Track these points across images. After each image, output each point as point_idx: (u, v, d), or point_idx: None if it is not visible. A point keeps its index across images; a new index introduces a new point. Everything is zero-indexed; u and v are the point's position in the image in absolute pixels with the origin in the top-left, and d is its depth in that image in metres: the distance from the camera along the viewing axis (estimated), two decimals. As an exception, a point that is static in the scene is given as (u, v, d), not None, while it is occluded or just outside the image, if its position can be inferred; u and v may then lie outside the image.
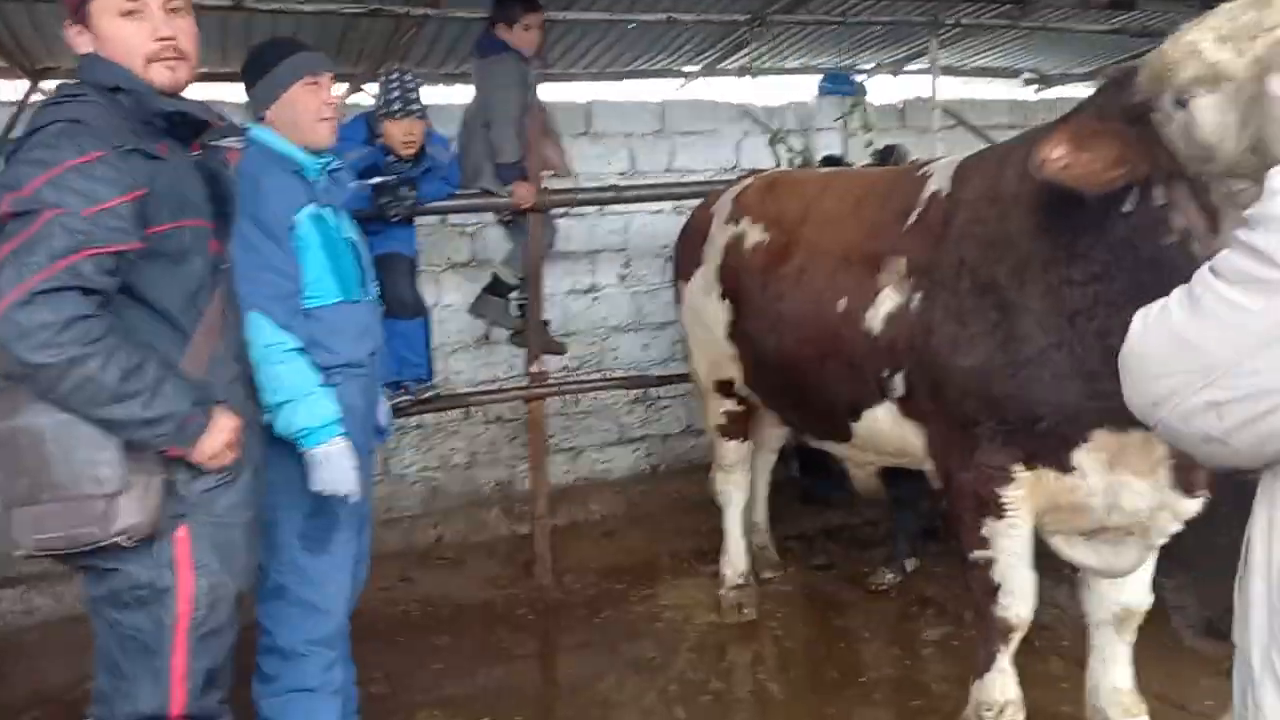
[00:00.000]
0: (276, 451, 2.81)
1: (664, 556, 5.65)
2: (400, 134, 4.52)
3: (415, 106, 4.53)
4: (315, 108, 3.09)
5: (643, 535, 6.16)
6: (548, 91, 5.73)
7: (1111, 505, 2.83)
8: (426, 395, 4.97)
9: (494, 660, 4.40)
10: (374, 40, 5.98)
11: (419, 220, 5.46)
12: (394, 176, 4.59)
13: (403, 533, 6.21)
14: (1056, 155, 2.37)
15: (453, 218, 6.41)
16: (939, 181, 3.26)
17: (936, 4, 6.79)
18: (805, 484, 6.60)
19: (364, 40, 5.96)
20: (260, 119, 3.14)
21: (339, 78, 4.27)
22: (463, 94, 7.00)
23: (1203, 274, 1.30)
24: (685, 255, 4.65)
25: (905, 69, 8.48)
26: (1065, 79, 9.44)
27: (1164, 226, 2.38)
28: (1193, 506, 2.86)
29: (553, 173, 5.29)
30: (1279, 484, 1.30)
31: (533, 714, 3.86)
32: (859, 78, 7.96)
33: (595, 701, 3.94)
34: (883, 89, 8.38)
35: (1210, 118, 2.07)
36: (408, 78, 4.54)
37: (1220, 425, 1.24)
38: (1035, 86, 9.66)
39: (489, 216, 6.02)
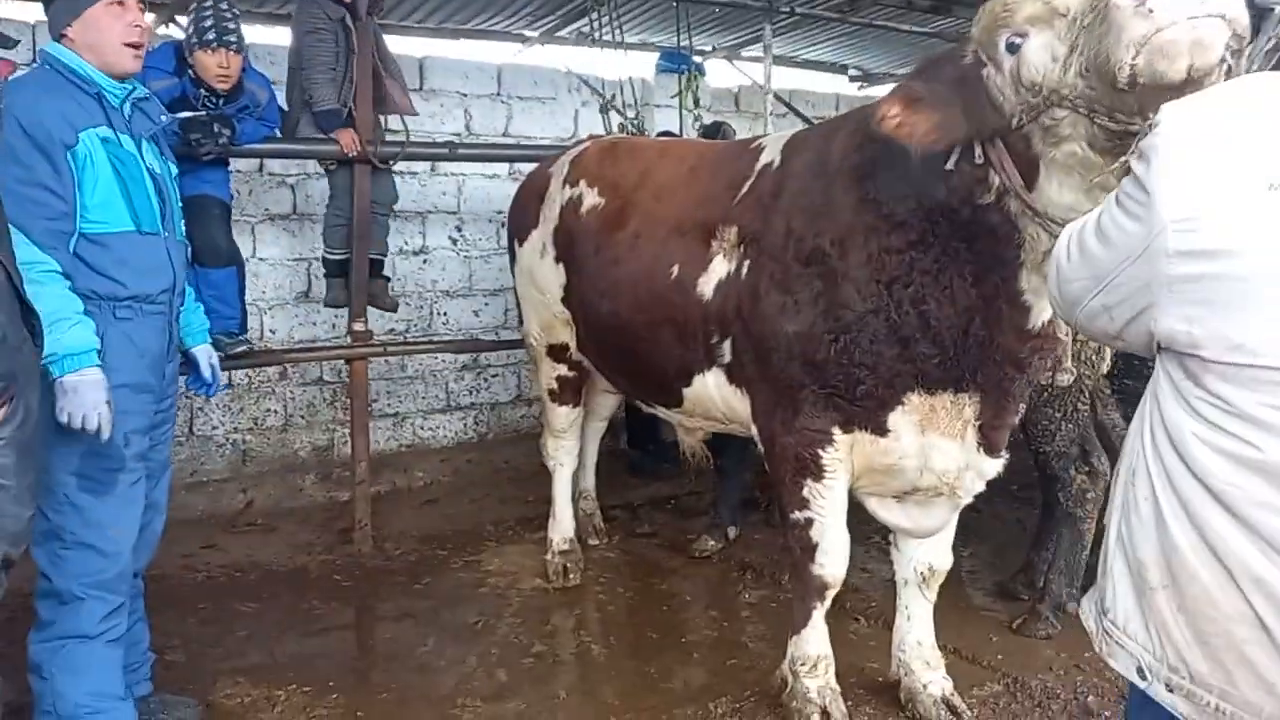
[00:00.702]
0: (47, 383, 2.56)
1: (489, 524, 5.56)
2: (214, 65, 4.20)
3: (232, 38, 4.21)
4: (119, 30, 2.89)
5: (468, 503, 6.04)
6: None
7: (923, 466, 2.98)
8: (238, 350, 4.65)
9: (305, 628, 4.19)
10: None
11: (235, 165, 5.14)
12: (206, 112, 4.26)
13: (208, 497, 5.85)
14: (892, 114, 2.46)
15: (273, 165, 6.06)
16: (770, 154, 3.34)
17: (773, -10, 6.95)
18: (633, 456, 6.67)
19: (178, -34, 5.50)
20: (61, 38, 2.91)
21: (148, 5, 3.92)
22: (287, 36, 6.64)
23: (1109, 197, 1.48)
24: (521, 216, 4.56)
25: (741, 54, 8.67)
26: (887, 77, 9.94)
27: (981, 185, 2.49)
28: (995, 466, 3.04)
29: (396, 114, 5.06)
30: (1159, 377, 1.47)
31: (345, 682, 3.68)
32: (696, 59, 8.06)
33: (412, 668, 3.82)
34: (719, 73, 8.55)
35: (1041, 56, 2.18)
36: (223, 5, 4.22)
37: (1113, 325, 1.48)
38: (859, 84, 10.14)
39: (313, 166, 5.71)
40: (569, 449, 4.81)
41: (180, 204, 3.21)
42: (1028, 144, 2.35)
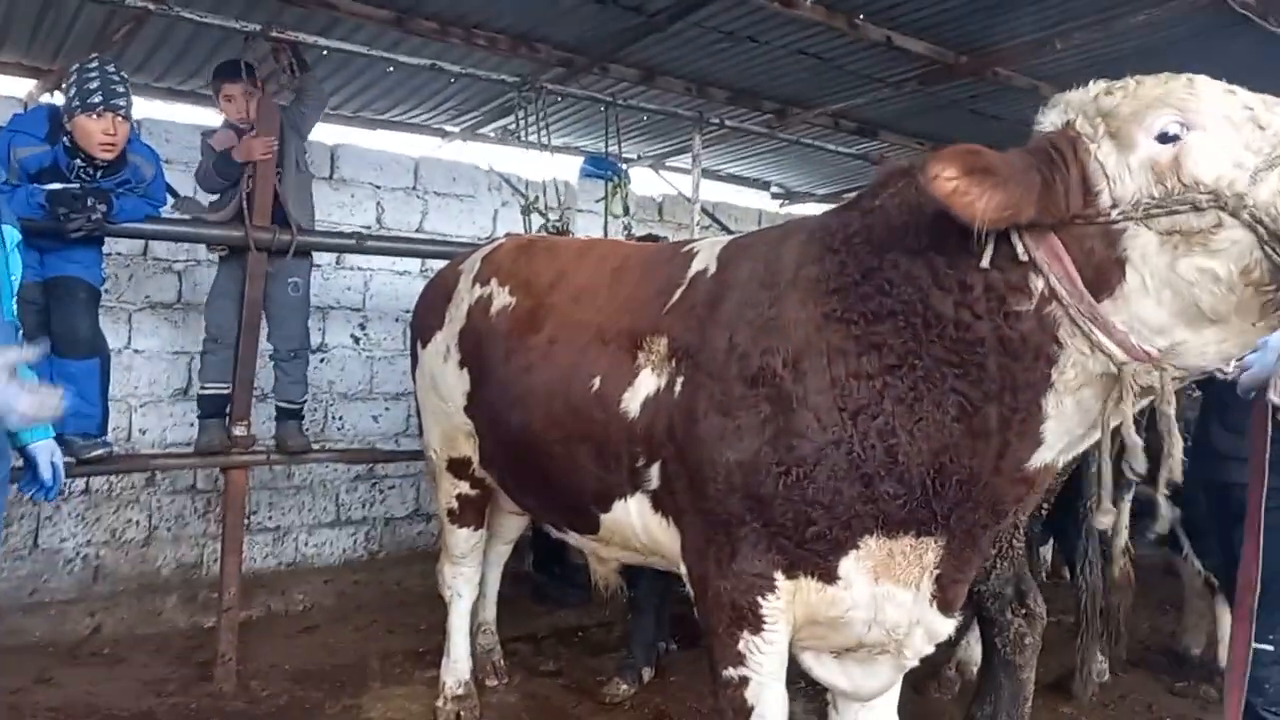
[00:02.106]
0: None
1: (375, 658, 4.96)
2: (98, 131, 3.80)
3: (120, 103, 3.81)
4: None
5: (352, 632, 5.43)
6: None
7: (872, 620, 2.61)
8: (94, 454, 4.07)
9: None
10: (80, 32, 5.11)
11: (113, 246, 4.66)
12: (79, 184, 3.80)
13: (49, 621, 5.14)
14: (948, 175, 2.01)
15: (159, 249, 5.55)
16: (705, 260, 3.03)
17: (703, 102, 6.89)
18: (539, 580, 6.17)
19: (66, 30, 5.08)
20: None
21: (28, 70, 3.51)
22: (189, 114, 6.25)
23: None
24: (426, 315, 4.17)
25: (666, 164, 8.60)
26: (808, 196, 10.04)
27: (1019, 292, 2.13)
28: (948, 627, 2.68)
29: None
30: None
31: None
32: (621, 165, 7.92)
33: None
34: (643, 181, 8.42)
35: (1220, 157, 1.89)
36: (111, 69, 3.85)
37: None
38: (781, 201, 10.21)
39: (203, 252, 5.23)
40: (469, 578, 4.31)
41: (11, 279, 2.72)
42: (1110, 242, 2.00)
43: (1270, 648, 3.52)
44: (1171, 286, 1.94)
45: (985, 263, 2.14)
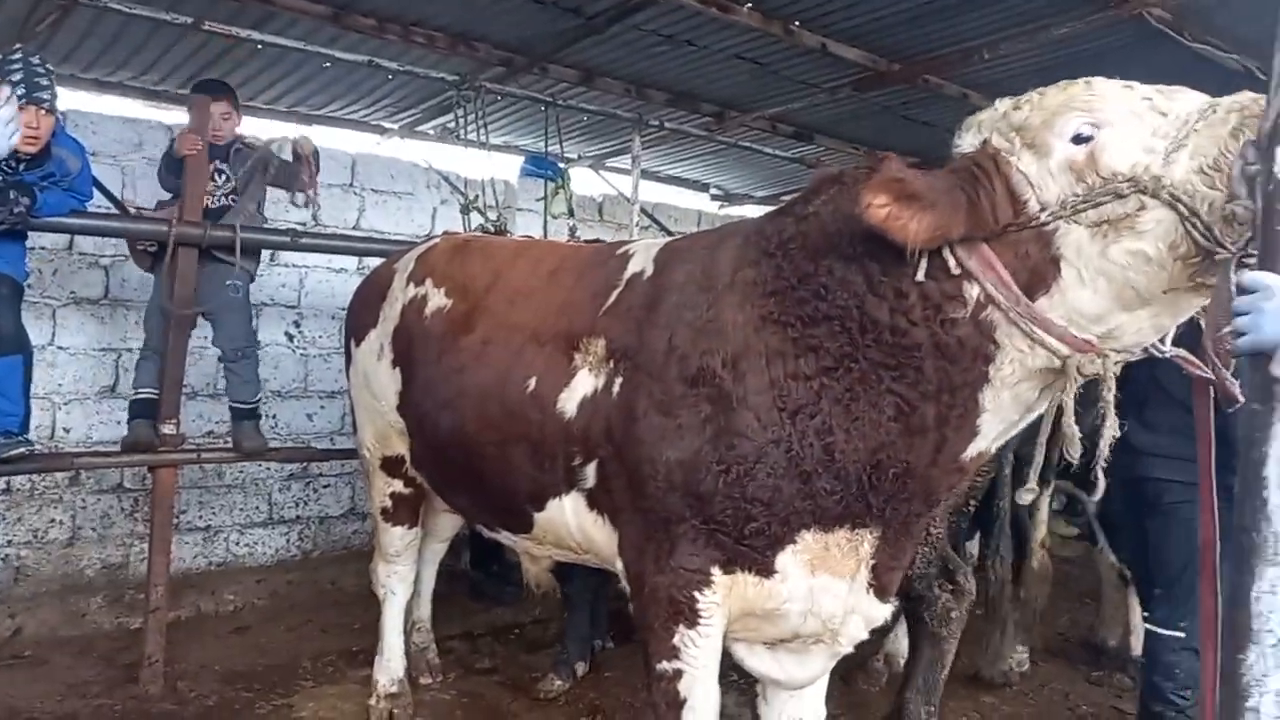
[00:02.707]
0: None
1: (307, 657, 4.92)
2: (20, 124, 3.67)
3: (44, 95, 3.74)
4: None
5: (284, 631, 5.37)
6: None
7: (808, 610, 2.66)
8: (15, 452, 3.98)
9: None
10: (3, 21, 4.97)
11: (39, 241, 4.57)
12: (1, 178, 3.71)
13: (-34, 624, 4.96)
14: (879, 203, 2.12)
15: (85, 244, 5.43)
16: (641, 262, 3.06)
17: (642, 104, 6.94)
18: (475, 578, 6.16)
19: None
20: None
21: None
22: (117, 106, 6.12)
23: None
24: (361, 314, 4.13)
25: (606, 164, 8.64)
26: (747, 198, 10.16)
27: (954, 301, 2.21)
28: (884, 612, 2.75)
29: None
30: None
31: None
32: (562, 165, 7.94)
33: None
34: (583, 181, 8.45)
35: (1130, 146, 1.98)
36: (35, 60, 3.76)
37: None
38: (720, 203, 10.31)
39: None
40: (403, 576, 4.29)
41: None
42: (1044, 244, 2.10)
43: (1181, 634, 3.70)
44: (1105, 274, 2.03)
45: (920, 276, 2.22)
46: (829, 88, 6.45)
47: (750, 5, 5.12)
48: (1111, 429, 2.12)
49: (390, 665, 4.24)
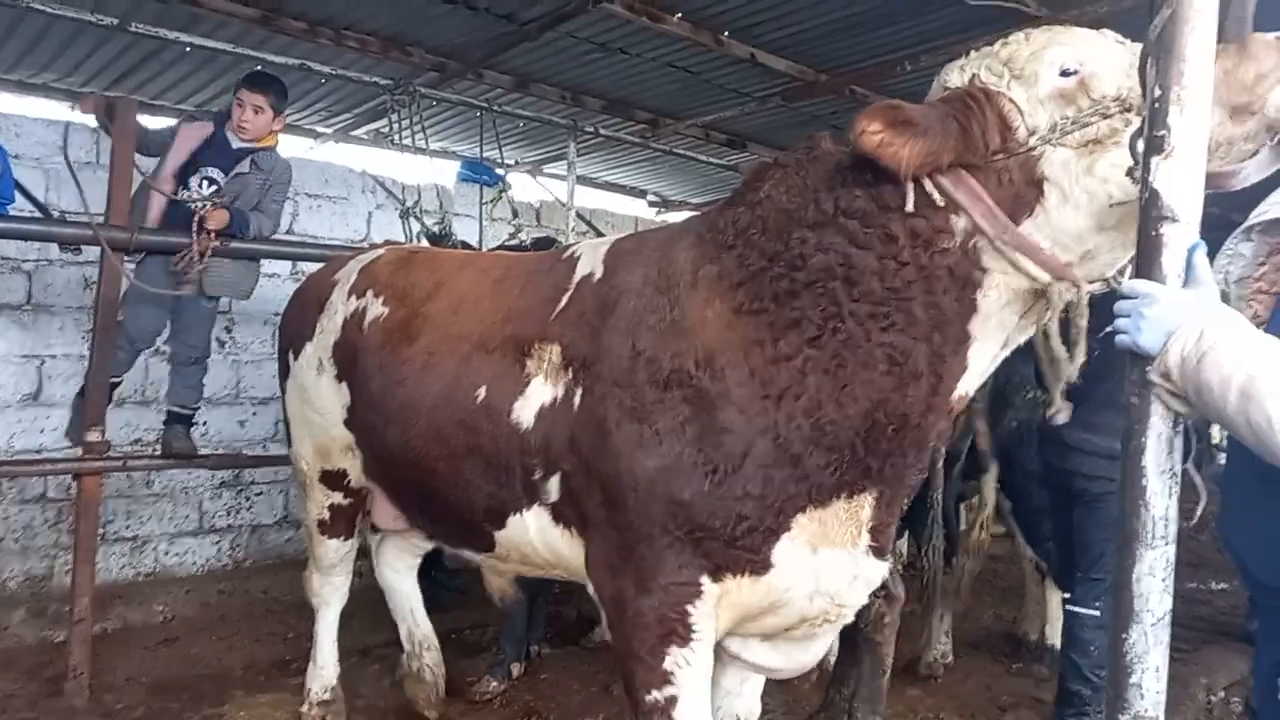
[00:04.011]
0: None
1: (239, 668, 4.86)
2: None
3: (-40, 97, 3.65)
4: None
5: (215, 642, 5.29)
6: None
7: (814, 592, 2.57)
8: (-68, 462, 3.89)
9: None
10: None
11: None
12: (-85, 180, 3.64)
13: (-122, 640, 4.82)
14: (874, 129, 2.15)
15: (7, 248, 5.32)
16: (589, 265, 2.97)
17: (578, 111, 7.01)
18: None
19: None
20: None
21: None
22: (41, 108, 6.01)
23: None
24: (297, 325, 3.98)
25: (544, 170, 8.70)
26: (683, 205, 10.29)
27: (943, 233, 2.24)
28: (882, 571, 2.66)
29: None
30: None
31: None
32: (499, 171, 7.97)
33: None
34: (521, 187, 8.48)
35: (1115, 73, 2.09)
36: (-47, 60, 3.66)
37: None
38: (657, 209, 10.43)
39: (54, 251, 5.04)
40: (338, 586, 4.19)
41: None
42: (1028, 168, 2.16)
43: (1096, 613, 3.90)
44: (1088, 190, 2.10)
45: (910, 206, 2.24)
46: (759, 96, 6.61)
47: (681, 15, 5.23)
48: (1079, 356, 2.24)
49: (324, 673, 4.19)
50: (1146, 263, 1.84)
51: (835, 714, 4.18)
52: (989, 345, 2.36)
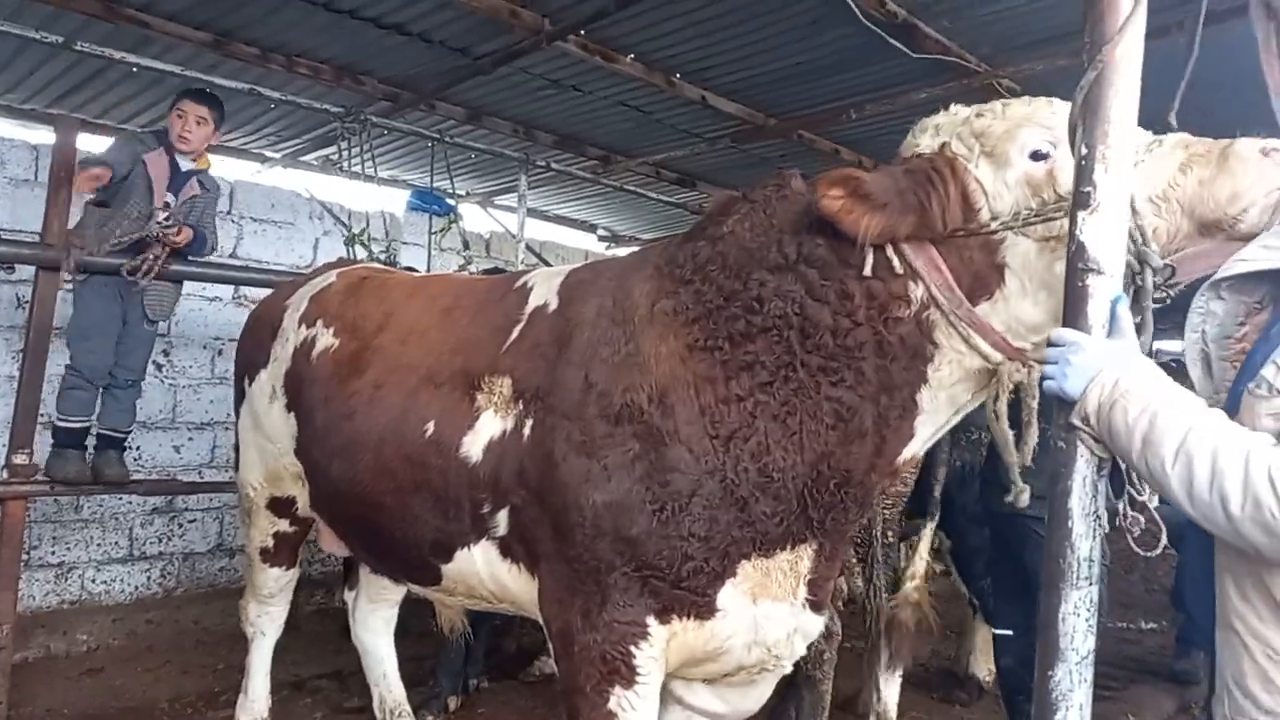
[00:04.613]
0: None
1: (164, 700, 4.74)
2: None
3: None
4: None
5: (142, 673, 5.15)
6: (86, 143, 4.94)
7: (753, 641, 2.55)
8: None
9: None
10: None
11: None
12: None
13: None
14: (835, 194, 2.18)
15: (-65, 265, 5.16)
16: (543, 295, 2.93)
17: (530, 145, 7.07)
18: (346, 616, 6.02)
19: None
20: None
21: None
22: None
23: None
24: (251, 351, 3.93)
25: (494, 202, 8.72)
26: (633, 240, 10.38)
27: (899, 301, 2.24)
28: (819, 625, 2.67)
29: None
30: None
31: None
32: (450, 201, 7.98)
33: None
34: (471, 218, 8.49)
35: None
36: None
37: None
38: (608, 244, 10.50)
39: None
40: (274, 617, 4.12)
41: None
42: (990, 252, 2.16)
43: (1009, 633, 4.10)
44: (1048, 287, 2.08)
45: (868, 270, 2.25)
46: (710, 138, 6.72)
47: (633, 56, 5.32)
48: (1032, 436, 2.20)
49: (254, 705, 4.10)
50: (1073, 312, 1.91)
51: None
52: (938, 417, 2.36)
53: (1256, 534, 1.56)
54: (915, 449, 2.41)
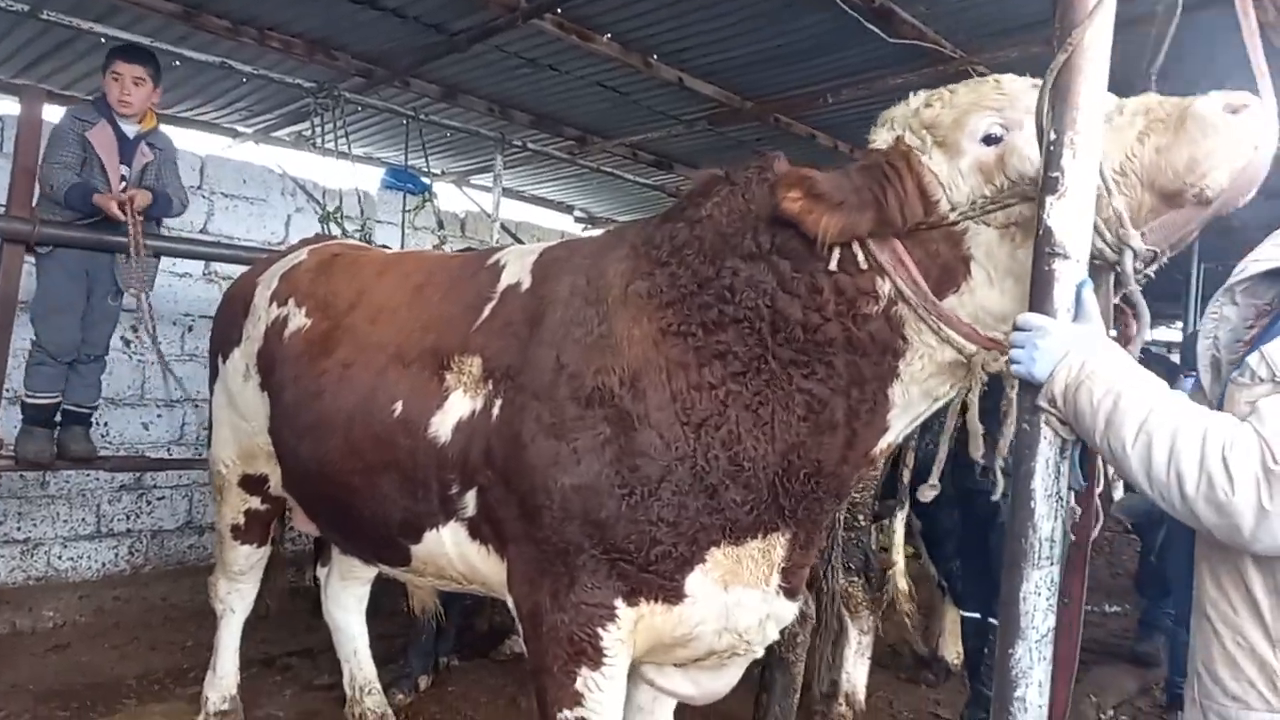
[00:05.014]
0: None
1: (131, 676, 4.71)
2: None
3: None
4: None
5: (108, 650, 5.12)
6: (52, 114, 4.84)
7: (723, 629, 2.55)
8: None
9: None
10: None
11: None
12: None
13: None
14: (794, 196, 2.17)
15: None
16: (515, 273, 2.89)
17: (506, 124, 7.02)
18: (316, 594, 6.00)
19: None
20: None
21: None
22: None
23: None
24: (225, 330, 3.88)
25: (470, 181, 8.66)
26: (610, 221, 10.36)
27: (867, 296, 2.21)
28: (793, 611, 2.68)
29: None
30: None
31: None
32: (425, 180, 7.92)
33: None
34: (446, 197, 8.44)
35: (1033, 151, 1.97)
36: None
37: None
38: (584, 225, 10.47)
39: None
40: (244, 594, 4.10)
41: None
42: (954, 243, 2.12)
43: (978, 616, 4.15)
44: (1013, 275, 2.05)
45: (833, 265, 2.23)
46: (687, 120, 6.71)
47: (610, 36, 5.29)
48: (1009, 430, 2.13)
49: (223, 682, 4.08)
50: (1039, 296, 1.91)
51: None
52: (912, 409, 2.34)
53: (1209, 514, 1.58)
54: (890, 439, 2.40)
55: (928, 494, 2.38)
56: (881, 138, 2.26)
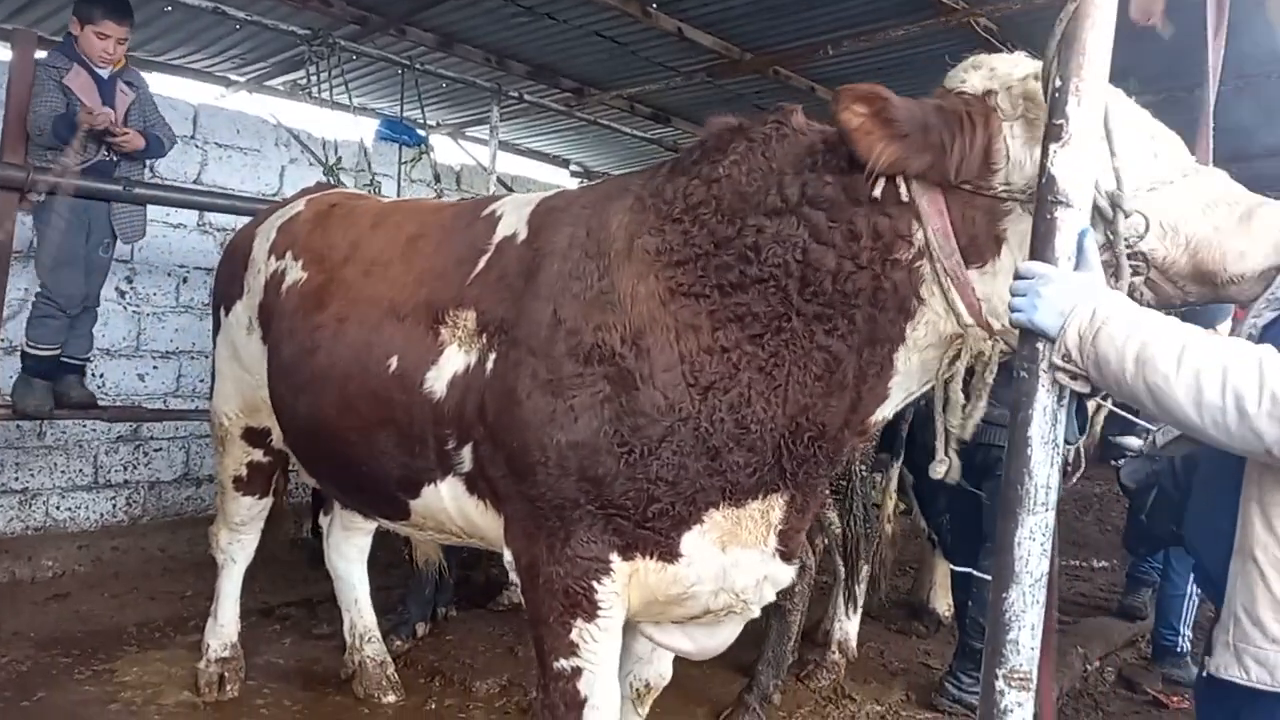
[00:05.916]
0: None
1: (131, 625, 4.76)
2: None
3: None
4: None
5: (108, 599, 5.17)
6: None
7: (719, 589, 2.55)
8: None
9: None
10: None
11: None
12: None
13: None
14: (859, 111, 2.07)
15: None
16: (512, 224, 2.82)
17: (502, 75, 6.93)
18: (316, 545, 6.04)
19: None
20: None
21: None
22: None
23: None
24: (227, 283, 3.86)
25: (466, 134, 8.58)
26: (606, 176, 10.27)
27: (904, 241, 2.16)
28: (790, 574, 2.66)
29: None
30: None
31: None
32: (420, 132, 7.83)
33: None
34: (442, 149, 8.35)
35: (1139, 166, 1.99)
36: None
37: None
38: (580, 179, 10.38)
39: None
40: (246, 544, 4.13)
41: None
42: (993, 219, 2.09)
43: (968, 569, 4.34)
44: None
45: (876, 192, 2.15)
46: (685, 71, 6.63)
47: (609, -17, 5.21)
48: (979, 409, 2.21)
49: (224, 630, 4.13)
50: (1041, 244, 1.91)
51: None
52: (909, 382, 2.32)
53: (1272, 427, 1.59)
54: (886, 411, 2.39)
55: (939, 470, 2.35)
56: (972, 83, 2.16)
